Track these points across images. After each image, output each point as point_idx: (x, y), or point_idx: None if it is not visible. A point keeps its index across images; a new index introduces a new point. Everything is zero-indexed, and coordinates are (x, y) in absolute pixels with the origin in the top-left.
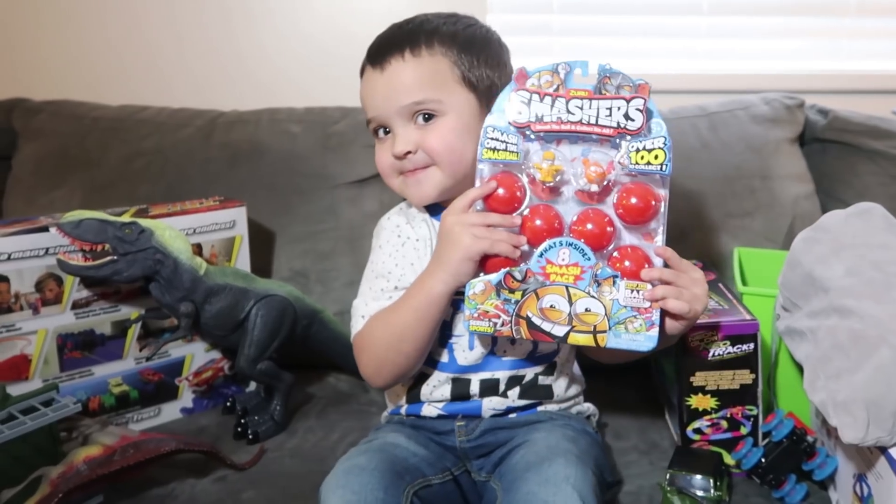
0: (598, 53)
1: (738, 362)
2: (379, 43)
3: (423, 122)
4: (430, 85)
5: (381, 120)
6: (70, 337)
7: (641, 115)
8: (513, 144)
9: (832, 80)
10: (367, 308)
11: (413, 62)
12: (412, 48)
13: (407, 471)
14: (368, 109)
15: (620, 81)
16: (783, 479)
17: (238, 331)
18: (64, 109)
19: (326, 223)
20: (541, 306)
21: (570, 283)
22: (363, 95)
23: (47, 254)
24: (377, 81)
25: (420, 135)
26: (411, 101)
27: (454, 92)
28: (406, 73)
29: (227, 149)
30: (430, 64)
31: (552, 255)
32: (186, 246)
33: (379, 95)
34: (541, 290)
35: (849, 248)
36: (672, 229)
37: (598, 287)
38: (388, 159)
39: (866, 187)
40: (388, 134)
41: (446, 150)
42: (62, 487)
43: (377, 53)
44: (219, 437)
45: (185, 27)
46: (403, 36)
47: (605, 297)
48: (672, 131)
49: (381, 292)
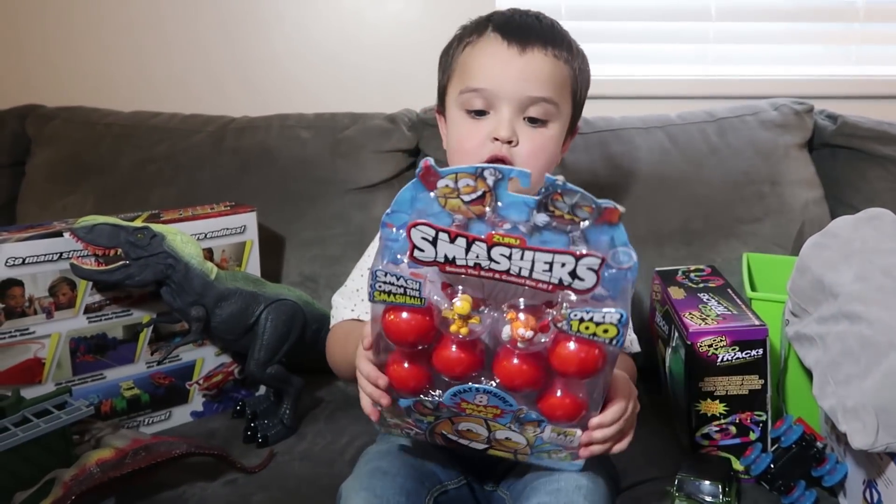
0: (607, 58)
1: (747, 368)
2: (519, 23)
3: (531, 121)
4: (559, 88)
5: (492, 97)
6: (83, 341)
7: (594, 276)
8: (413, 290)
9: (841, 85)
10: (341, 309)
11: (553, 60)
12: (555, 47)
13: (427, 476)
14: (483, 80)
15: (578, 201)
16: (792, 485)
17: (248, 335)
18: (77, 116)
19: (336, 228)
20: (457, 429)
21: (489, 417)
22: (477, 63)
23: (61, 258)
24: (512, 61)
25: (527, 131)
26: (541, 95)
27: (567, 102)
28: (546, 68)
29: (237, 154)
30: (564, 70)
31: (468, 397)
32: (197, 251)
33: (509, 76)
34: (456, 418)
35: (858, 253)
36: (681, 234)
37: (521, 426)
38: (478, 140)
39: (876, 193)
40: (482, 115)
41: (544, 157)
42: (75, 490)
43: (518, 32)
44: (229, 441)
45: (196, 34)
46: (544, 30)
47: (529, 434)
48: (681, 137)
49: (356, 293)
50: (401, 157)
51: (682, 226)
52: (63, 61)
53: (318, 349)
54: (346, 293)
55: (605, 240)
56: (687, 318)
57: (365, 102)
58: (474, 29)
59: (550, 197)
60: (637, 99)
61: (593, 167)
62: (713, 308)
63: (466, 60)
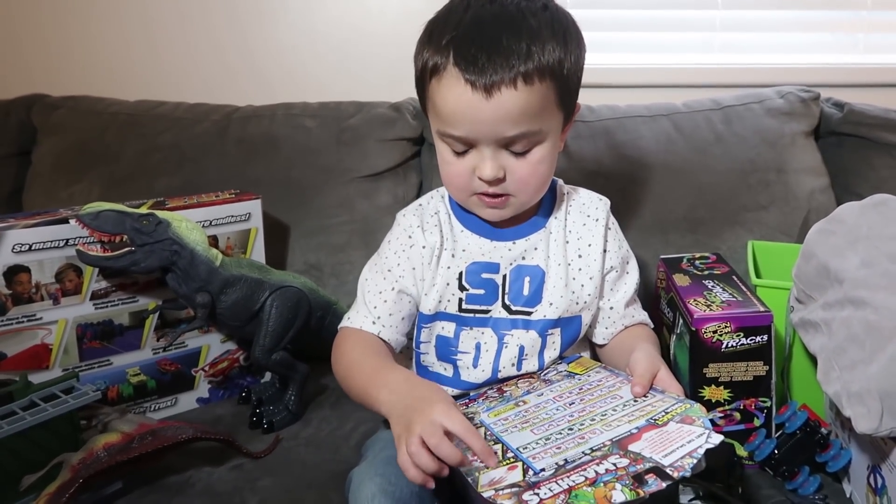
0: (614, 47)
1: (752, 354)
2: (486, 59)
3: (516, 151)
4: (539, 113)
5: (470, 141)
6: (89, 327)
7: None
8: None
9: (848, 73)
10: (361, 310)
11: (524, 91)
12: (526, 77)
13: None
14: (456, 127)
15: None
16: (796, 470)
17: (253, 322)
18: (82, 105)
19: (341, 217)
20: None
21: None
22: (447, 106)
23: (67, 245)
24: (481, 106)
25: (513, 162)
26: (518, 132)
27: (552, 116)
28: (518, 104)
29: (242, 143)
30: (541, 91)
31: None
32: (203, 237)
33: (481, 121)
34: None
35: (864, 239)
36: (686, 222)
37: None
38: (465, 177)
39: (882, 181)
40: (467, 151)
41: (536, 182)
42: (83, 473)
43: (481, 70)
44: (234, 427)
45: (201, 24)
46: (510, 48)
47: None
48: (686, 125)
49: (380, 294)
50: (405, 145)
51: (688, 214)
52: (68, 51)
53: (322, 336)
54: (369, 287)
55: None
56: (692, 305)
57: (369, 91)
58: (436, 50)
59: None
60: (643, 87)
61: (598, 156)
62: (718, 295)
63: (435, 98)
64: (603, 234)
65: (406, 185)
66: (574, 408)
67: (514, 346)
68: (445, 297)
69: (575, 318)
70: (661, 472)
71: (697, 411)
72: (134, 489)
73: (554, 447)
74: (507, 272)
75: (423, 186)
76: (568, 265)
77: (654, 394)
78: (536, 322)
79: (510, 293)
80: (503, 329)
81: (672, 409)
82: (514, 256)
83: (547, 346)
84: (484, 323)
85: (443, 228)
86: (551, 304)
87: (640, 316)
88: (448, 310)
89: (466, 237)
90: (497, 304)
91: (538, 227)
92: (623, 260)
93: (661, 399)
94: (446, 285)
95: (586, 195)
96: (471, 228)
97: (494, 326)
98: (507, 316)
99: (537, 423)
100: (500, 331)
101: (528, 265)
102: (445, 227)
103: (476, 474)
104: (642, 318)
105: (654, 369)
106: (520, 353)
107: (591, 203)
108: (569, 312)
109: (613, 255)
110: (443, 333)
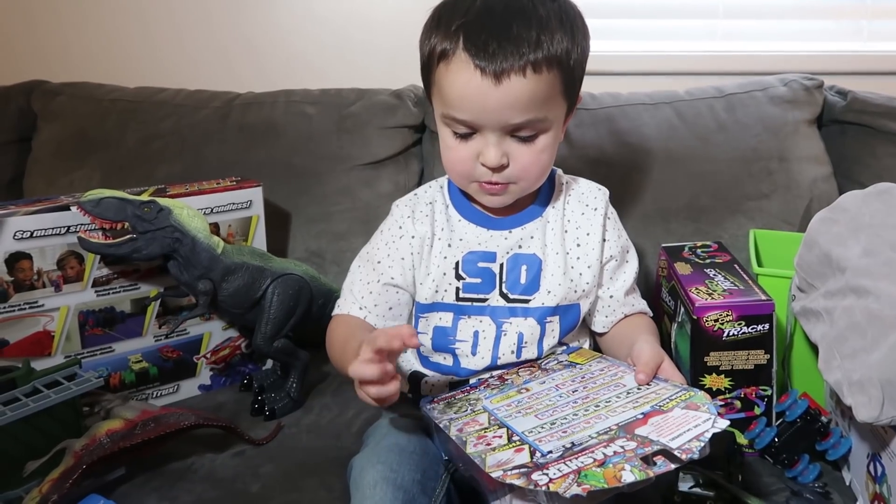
0: (616, 34)
1: (753, 342)
2: (496, 46)
3: (521, 137)
4: (545, 101)
5: (475, 125)
6: (91, 314)
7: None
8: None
9: (852, 61)
10: (349, 297)
11: (533, 79)
12: (535, 65)
13: (442, 455)
14: (462, 111)
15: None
16: (796, 458)
17: (255, 309)
18: (82, 91)
19: (342, 204)
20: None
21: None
22: (453, 91)
23: (68, 232)
24: (489, 92)
25: (516, 149)
26: (525, 119)
27: (557, 105)
28: (526, 91)
29: (243, 130)
30: (548, 80)
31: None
32: (204, 225)
33: (488, 107)
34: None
35: (866, 228)
36: (688, 211)
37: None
38: (468, 163)
39: (885, 169)
40: (471, 136)
41: (537, 170)
42: (85, 459)
43: (491, 56)
44: (236, 414)
45: (202, 10)
46: (520, 35)
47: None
48: (689, 113)
49: (367, 285)
50: (406, 132)
51: (690, 202)
52: (68, 37)
53: (324, 324)
54: (357, 277)
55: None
56: (693, 293)
57: (371, 78)
58: (445, 35)
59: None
60: (645, 75)
61: (600, 143)
62: (720, 283)
63: (442, 83)
64: (602, 223)
65: (407, 173)
66: (577, 395)
67: (513, 334)
68: (442, 286)
69: (573, 307)
70: (669, 454)
71: (702, 398)
72: (136, 475)
73: (560, 431)
74: (503, 261)
75: (424, 174)
76: (566, 254)
77: (658, 382)
78: (535, 310)
79: (507, 281)
80: (501, 317)
81: (676, 396)
82: (510, 245)
83: (546, 334)
84: (482, 311)
85: (436, 218)
86: (549, 291)
87: (640, 305)
88: (445, 299)
89: (464, 227)
90: (494, 293)
91: (535, 215)
92: (622, 249)
93: (664, 387)
94: (443, 275)
95: (585, 185)
96: (468, 218)
97: (492, 314)
98: (505, 304)
99: (541, 410)
100: (499, 318)
101: (524, 254)
102: (440, 217)
103: (482, 456)
104: (642, 307)
105: (658, 359)
106: (519, 340)
107: (590, 193)
108: (567, 300)
109: (613, 245)
110: (440, 324)
